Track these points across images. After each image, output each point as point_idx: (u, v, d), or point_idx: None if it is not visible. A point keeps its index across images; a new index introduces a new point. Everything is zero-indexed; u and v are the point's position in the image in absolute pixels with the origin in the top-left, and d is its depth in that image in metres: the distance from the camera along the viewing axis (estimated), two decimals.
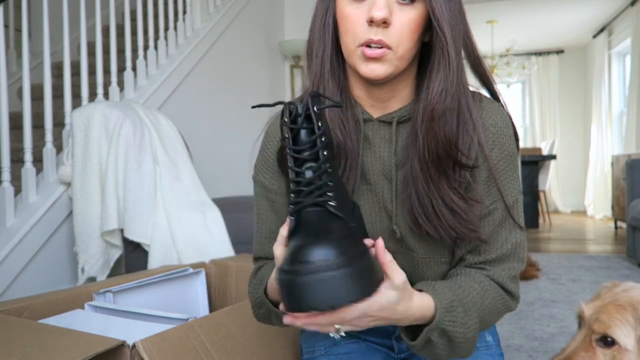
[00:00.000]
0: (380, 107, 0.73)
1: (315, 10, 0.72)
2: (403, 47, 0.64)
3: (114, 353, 0.78)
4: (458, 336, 0.63)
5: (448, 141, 0.66)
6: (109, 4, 2.60)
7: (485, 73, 0.73)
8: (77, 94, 2.80)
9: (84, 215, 1.92)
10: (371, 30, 0.63)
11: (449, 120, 0.66)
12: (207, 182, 2.68)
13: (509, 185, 0.71)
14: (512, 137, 0.72)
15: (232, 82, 3.49)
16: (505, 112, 0.73)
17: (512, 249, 0.71)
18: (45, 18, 2.19)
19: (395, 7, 0.64)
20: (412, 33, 0.64)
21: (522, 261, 0.72)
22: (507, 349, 1.78)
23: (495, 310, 0.69)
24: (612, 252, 3.69)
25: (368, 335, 0.84)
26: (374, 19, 0.62)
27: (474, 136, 0.68)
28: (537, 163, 5.25)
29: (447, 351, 0.64)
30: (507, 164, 0.71)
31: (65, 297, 1.14)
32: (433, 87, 0.66)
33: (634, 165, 3.36)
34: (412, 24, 0.64)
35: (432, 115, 0.66)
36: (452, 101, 0.66)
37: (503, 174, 0.71)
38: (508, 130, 0.72)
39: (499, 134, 0.71)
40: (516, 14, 5.61)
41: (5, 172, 1.94)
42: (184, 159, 2.17)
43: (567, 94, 7.08)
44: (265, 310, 0.72)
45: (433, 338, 0.62)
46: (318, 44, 0.71)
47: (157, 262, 1.85)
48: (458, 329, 0.63)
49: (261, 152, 0.79)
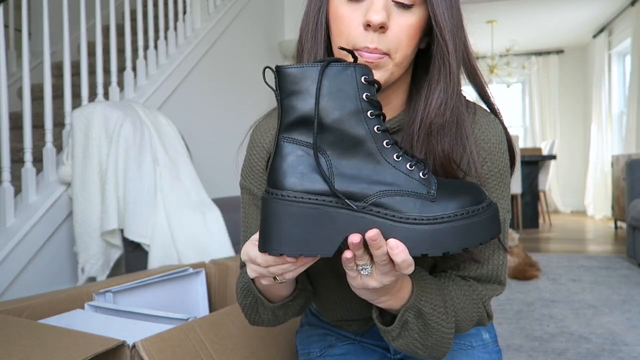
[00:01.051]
0: None
1: (306, 8, 0.68)
2: (401, 54, 0.61)
3: (114, 353, 0.78)
4: (433, 320, 0.61)
5: (447, 158, 0.64)
6: (109, 4, 2.60)
7: (482, 84, 0.70)
8: (77, 94, 2.81)
9: (84, 215, 1.92)
10: (367, 35, 0.60)
11: (448, 134, 0.64)
12: (207, 182, 2.68)
13: (497, 203, 0.68)
14: (505, 153, 0.69)
15: (232, 82, 3.49)
16: (499, 126, 0.70)
17: (494, 269, 0.69)
18: (45, 18, 2.19)
19: (394, 11, 0.60)
20: (410, 39, 0.61)
21: (503, 284, 0.70)
22: (507, 349, 1.78)
23: (469, 318, 0.67)
24: (612, 252, 3.69)
25: (363, 337, 0.84)
26: (372, 23, 0.58)
27: (468, 151, 0.65)
28: (537, 163, 5.25)
29: (422, 340, 0.62)
30: (497, 181, 0.68)
31: (65, 297, 1.14)
32: (432, 99, 0.63)
33: (634, 165, 3.37)
34: (411, 29, 0.61)
35: (430, 129, 0.63)
36: (451, 115, 0.63)
37: (492, 191, 0.68)
38: (501, 146, 0.68)
39: (491, 150, 0.68)
40: (516, 14, 5.61)
41: (5, 172, 1.94)
42: (184, 159, 2.17)
43: (567, 94, 7.09)
44: (252, 298, 0.69)
45: (409, 319, 0.60)
46: (310, 45, 0.66)
47: (157, 262, 1.85)
48: (434, 312, 0.61)
49: (248, 159, 0.75)
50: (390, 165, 0.54)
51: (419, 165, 0.55)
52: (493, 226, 0.56)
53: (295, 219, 0.52)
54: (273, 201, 0.53)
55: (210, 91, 3.23)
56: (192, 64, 3.00)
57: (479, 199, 0.55)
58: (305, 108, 0.52)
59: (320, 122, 0.53)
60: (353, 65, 0.53)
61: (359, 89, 0.53)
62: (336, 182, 0.53)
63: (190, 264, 1.47)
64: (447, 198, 0.54)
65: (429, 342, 0.62)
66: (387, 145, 0.54)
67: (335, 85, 0.52)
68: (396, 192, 0.53)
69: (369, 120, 0.53)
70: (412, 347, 0.63)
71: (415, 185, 0.54)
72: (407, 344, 0.63)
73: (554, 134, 6.90)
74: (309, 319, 0.90)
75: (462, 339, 0.79)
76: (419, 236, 0.52)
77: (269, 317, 0.70)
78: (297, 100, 0.52)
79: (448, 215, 0.53)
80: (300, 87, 0.52)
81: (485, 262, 0.68)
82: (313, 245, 0.52)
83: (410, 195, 0.53)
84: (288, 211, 0.52)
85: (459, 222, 0.53)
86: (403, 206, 0.53)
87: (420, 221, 0.52)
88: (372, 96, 0.53)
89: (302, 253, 0.52)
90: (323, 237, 0.52)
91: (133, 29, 3.38)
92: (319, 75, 0.52)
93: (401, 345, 0.63)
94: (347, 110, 0.53)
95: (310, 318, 0.90)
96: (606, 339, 1.85)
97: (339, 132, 0.53)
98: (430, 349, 0.63)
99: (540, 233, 4.88)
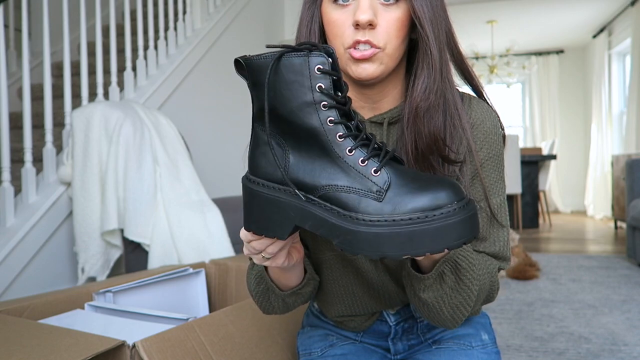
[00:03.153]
0: (370, 108, 0.73)
1: (300, 19, 0.72)
2: (391, 45, 0.65)
3: (114, 353, 0.78)
4: (467, 277, 0.62)
5: (433, 138, 0.66)
6: (109, 4, 2.60)
7: (467, 69, 0.74)
8: (77, 94, 2.81)
9: (84, 215, 1.92)
10: (358, 32, 0.64)
11: (434, 116, 0.67)
12: (207, 182, 2.68)
13: (495, 185, 0.72)
14: (500, 138, 0.73)
15: (232, 82, 3.49)
16: (494, 112, 0.74)
17: (500, 248, 0.72)
18: (45, 18, 2.19)
19: (380, 8, 0.64)
20: (398, 31, 0.65)
21: (509, 260, 0.74)
22: (507, 349, 1.78)
23: (484, 287, 0.69)
24: (612, 252, 3.69)
25: (364, 337, 0.84)
26: (360, 22, 0.62)
27: (462, 132, 0.69)
28: (537, 163, 5.25)
29: (450, 296, 0.63)
30: (494, 164, 0.72)
31: (65, 297, 1.14)
32: (417, 85, 0.67)
33: (634, 165, 3.37)
34: (398, 22, 0.65)
35: (417, 112, 0.66)
36: (435, 98, 0.66)
37: (490, 173, 0.72)
38: (496, 130, 0.73)
39: (488, 134, 0.72)
40: (516, 14, 5.61)
41: (5, 172, 1.94)
42: (184, 159, 2.17)
43: (567, 94, 7.09)
44: (264, 285, 0.73)
45: (445, 271, 0.62)
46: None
47: (157, 262, 1.85)
48: (469, 268, 0.62)
49: None
50: (341, 160, 0.53)
51: (372, 161, 0.52)
52: (452, 233, 0.48)
53: (257, 203, 0.57)
54: (245, 184, 0.58)
55: (210, 91, 3.23)
56: (192, 64, 3.00)
57: (440, 202, 0.49)
58: (263, 98, 0.53)
59: (277, 112, 0.53)
60: (306, 54, 0.52)
61: (311, 80, 0.52)
62: (291, 172, 0.54)
63: (190, 264, 1.47)
64: (399, 199, 0.50)
65: (456, 301, 0.64)
66: (340, 138, 0.53)
67: (289, 76, 0.52)
68: (343, 188, 0.52)
69: (322, 112, 0.53)
70: (439, 302, 0.64)
71: (363, 182, 0.51)
72: (435, 297, 0.64)
73: (554, 134, 6.90)
74: (310, 320, 0.91)
75: (462, 339, 0.79)
76: (359, 236, 0.50)
77: (279, 304, 0.75)
78: (258, 90, 0.54)
79: (393, 219, 0.49)
80: (261, 78, 0.53)
81: (494, 242, 0.72)
82: (270, 228, 0.56)
83: (357, 193, 0.51)
84: (253, 194, 0.57)
85: (402, 227, 0.48)
86: (349, 202, 0.51)
87: (362, 221, 0.50)
88: (326, 87, 0.52)
89: (262, 234, 0.57)
90: (276, 222, 0.56)
91: (133, 29, 3.38)
92: (270, 67, 0.52)
93: (429, 298, 0.64)
94: (300, 102, 0.52)
95: (311, 319, 0.90)
96: (606, 339, 1.85)
97: (294, 124, 0.53)
98: (453, 309, 0.64)
99: (540, 233, 4.88)
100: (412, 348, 0.82)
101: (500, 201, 0.73)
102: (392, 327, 0.82)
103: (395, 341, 0.83)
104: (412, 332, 0.82)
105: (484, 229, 0.72)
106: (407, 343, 0.83)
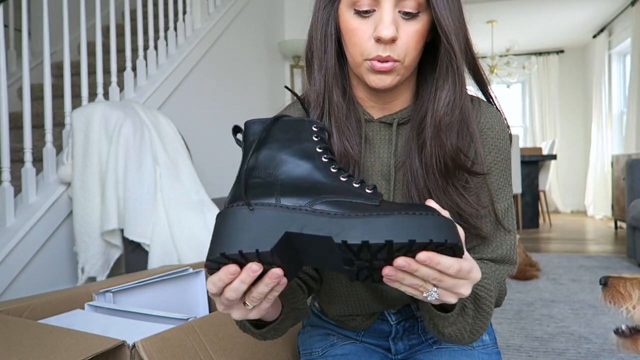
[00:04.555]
0: (380, 108, 0.73)
1: (314, 17, 0.71)
2: (409, 58, 0.65)
3: (114, 353, 0.78)
4: (486, 304, 0.61)
5: (456, 151, 0.67)
6: (109, 4, 2.60)
7: (482, 78, 0.73)
8: (77, 94, 2.81)
9: (84, 215, 1.92)
10: (379, 47, 0.63)
11: (455, 130, 0.67)
12: (207, 182, 2.68)
13: (502, 189, 0.73)
14: (508, 142, 0.74)
15: (232, 82, 3.49)
16: (502, 117, 0.74)
17: (506, 252, 0.72)
18: (45, 18, 2.19)
19: (401, 22, 0.63)
20: (417, 44, 0.65)
21: (515, 263, 0.73)
22: (507, 349, 1.78)
23: (495, 299, 0.68)
24: (612, 252, 3.69)
25: (365, 336, 0.84)
26: (382, 39, 0.62)
27: (475, 142, 0.69)
28: (537, 163, 5.25)
29: (472, 325, 0.63)
30: (502, 169, 0.73)
31: (65, 297, 1.14)
32: (441, 97, 0.66)
33: (634, 165, 3.37)
34: (417, 34, 0.64)
35: (440, 125, 0.66)
36: (460, 113, 0.67)
37: (497, 178, 0.72)
38: (504, 135, 0.73)
39: (496, 138, 0.72)
40: (516, 14, 5.61)
41: (5, 172, 1.94)
42: (184, 159, 2.17)
43: (567, 94, 7.09)
44: (240, 323, 0.69)
45: (467, 304, 0.61)
46: (320, 54, 0.70)
47: (157, 262, 1.85)
48: (487, 296, 0.62)
49: None
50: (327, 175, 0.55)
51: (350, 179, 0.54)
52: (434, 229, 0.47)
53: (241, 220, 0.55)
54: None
55: (210, 91, 3.23)
56: (192, 64, 3.00)
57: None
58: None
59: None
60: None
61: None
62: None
63: (190, 264, 1.47)
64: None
65: (477, 326, 0.63)
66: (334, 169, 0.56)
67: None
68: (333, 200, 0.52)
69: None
70: (461, 332, 0.63)
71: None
72: (458, 330, 0.62)
73: (554, 134, 6.90)
74: (311, 320, 0.90)
75: None
76: (352, 223, 0.48)
77: (258, 338, 0.70)
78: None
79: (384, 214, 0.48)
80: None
81: (500, 246, 0.72)
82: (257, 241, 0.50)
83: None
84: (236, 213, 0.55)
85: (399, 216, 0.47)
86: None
87: (356, 216, 0.49)
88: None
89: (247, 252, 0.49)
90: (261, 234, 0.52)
91: (133, 29, 3.38)
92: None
93: (452, 332, 0.62)
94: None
95: (312, 319, 0.90)
96: (606, 339, 1.85)
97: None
98: (474, 333, 0.64)
99: (540, 233, 4.88)
100: (412, 348, 0.82)
101: (507, 206, 0.73)
102: (392, 327, 0.82)
103: (396, 341, 0.82)
104: (413, 332, 0.82)
105: (490, 234, 0.71)
106: (407, 343, 0.82)
